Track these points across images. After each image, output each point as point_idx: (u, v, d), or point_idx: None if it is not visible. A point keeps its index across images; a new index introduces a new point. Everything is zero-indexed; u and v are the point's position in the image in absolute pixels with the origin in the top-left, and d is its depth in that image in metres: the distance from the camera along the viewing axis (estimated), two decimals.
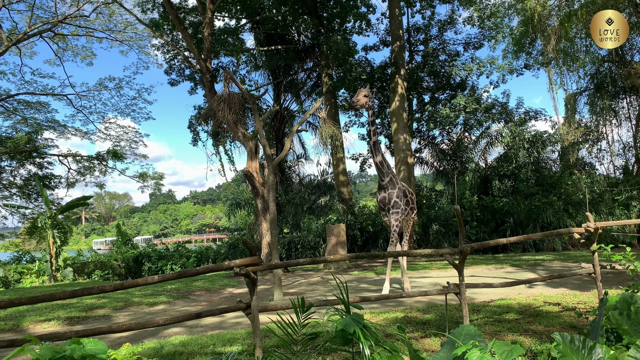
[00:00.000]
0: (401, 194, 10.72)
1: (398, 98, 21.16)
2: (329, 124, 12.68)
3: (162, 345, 6.91)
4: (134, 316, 10.15)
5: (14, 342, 4.24)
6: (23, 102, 26.57)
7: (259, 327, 5.83)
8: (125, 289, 5.80)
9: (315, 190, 23.48)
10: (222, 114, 12.91)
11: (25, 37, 22.30)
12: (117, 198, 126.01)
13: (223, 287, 14.05)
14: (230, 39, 22.45)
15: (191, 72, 24.03)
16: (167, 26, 21.60)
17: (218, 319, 9.15)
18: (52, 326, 9.34)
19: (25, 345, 2.80)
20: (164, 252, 22.44)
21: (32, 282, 20.93)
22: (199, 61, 15.98)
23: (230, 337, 7.31)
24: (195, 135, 24.56)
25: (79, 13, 23.25)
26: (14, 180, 29.21)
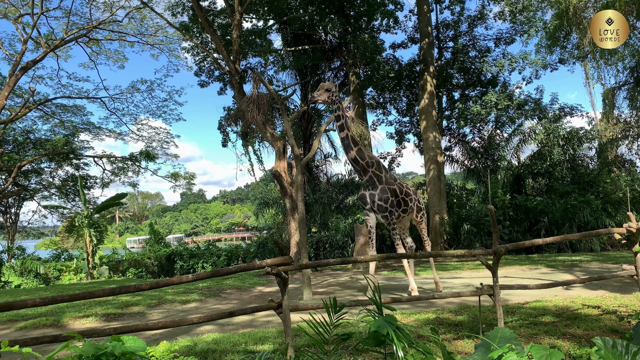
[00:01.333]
0: (385, 194, 9.81)
1: (427, 96, 20.92)
2: (357, 123, 12.66)
3: (195, 343, 7.03)
4: (167, 314, 10.35)
5: (57, 337, 4.39)
6: (60, 106, 27.45)
7: (290, 327, 5.86)
8: (161, 287, 5.94)
9: (343, 190, 23.44)
10: (251, 114, 13.04)
11: (62, 43, 23.02)
12: (150, 197, 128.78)
13: (253, 285, 14.18)
14: (258, 40, 22.62)
15: (220, 74, 24.33)
16: (196, 29, 21.92)
17: (249, 317, 9.22)
18: (90, 322, 9.62)
19: (70, 342, 2.90)
20: (195, 251, 22.84)
21: (71, 279, 21.61)
22: (228, 63, 16.16)
23: (261, 336, 7.36)
24: (224, 136, 24.87)
25: (112, 18, 23.87)
26: (52, 181, 30.26)
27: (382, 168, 10.11)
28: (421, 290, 11.18)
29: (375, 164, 10.03)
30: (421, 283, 12.61)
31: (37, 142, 28.83)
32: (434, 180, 20.81)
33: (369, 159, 9.95)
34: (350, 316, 5.85)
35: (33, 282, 21.05)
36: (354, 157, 9.82)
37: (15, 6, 22.26)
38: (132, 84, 27.51)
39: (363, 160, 9.90)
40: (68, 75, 39.47)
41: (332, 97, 9.75)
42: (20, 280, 20.83)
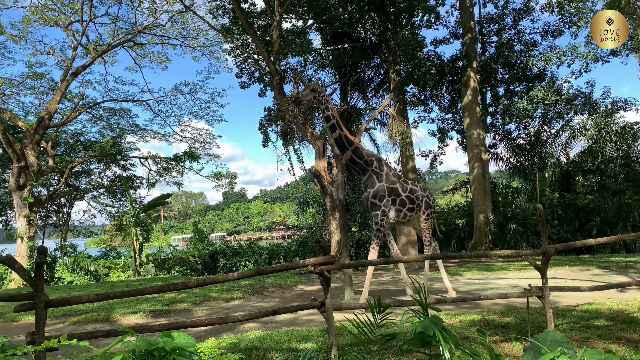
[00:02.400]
0: (382, 194, 9.40)
1: (470, 92, 20.46)
2: (399, 121, 12.49)
3: (239, 340, 7.12)
4: (211, 311, 10.55)
5: (110, 332, 4.56)
6: (108, 109, 28.48)
7: (333, 326, 5.85)
8: (207, 285, 6.05)
9: None
10: (292, 114, 13.06)
11: (109, 48, 23.89)
12: (193, 197, 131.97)
13: (294, 284, 14.28)
14: (298, 40, 22.72)
15: (261, 75, 24.60)
16: (236, 30, 22.23)
17: (291, 315, 9.30)
18: (138, 318, 9.93)
19: (124, 337, 2.99)
20: (237, 249, 23.22)
21: (119, 276, 22.40)
22: (269, 64, 16.29)
23: (304, 334, 7.40)
24: (265, 136, 25.14)
25: (156, 23, 24.57)
26: (101, 181, 31.49)
27: (383, 166, 9.77)
28: (465, 292, 10.95)
29: (376, 162, 9.71)
30: (464, 284, 12.36)
31: (86, 144, 30.07)
32: (478, 179, 20.32)
33: (367, 158, 9.65)
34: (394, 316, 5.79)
35: (84, 279, 21.96)
36: (351, 157, 9.64)
37: (66, 14, 23.26)
38: (176, 87, 28.24)
39: (361, 160, 9.62)
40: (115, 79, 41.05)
41: (318, 98, 9.62)
42: (72, 277, 21.78)
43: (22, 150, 20.05)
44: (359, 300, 9.75)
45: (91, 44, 23.60)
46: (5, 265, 3.98)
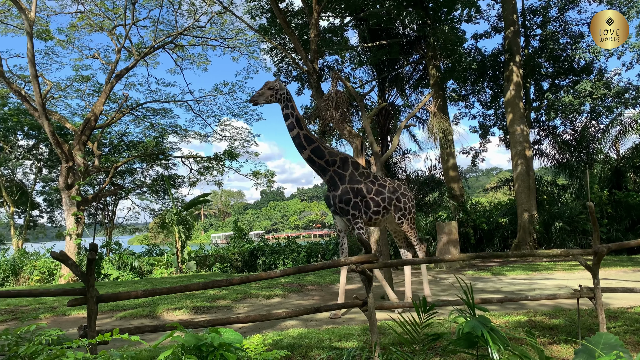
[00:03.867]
0: (347, 197, 8.99)
1: (513, 87, 19.87)
2: (440, 118, 12.28)
3: (281, 337, 7.15)
4: (252, 308, 10.66)
5: (157, 327, 4.65)
6: (150, 110, 29.28)
7: (376, 324, 5.79)
8: (251, 282, 6.11)
9: (423, 187, 22.91)
10: (330, 113, 13.05)
11: (151, 51, 24.53)
12: (232, 195, 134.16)
13: (333, 282, 14.24)
14: (335, 38, 22.69)
15: (298, 74, 24.71)
16: (274, 30, 22.41)
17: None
18: (182, 314, 10.13)
19: (173, 332, 3.04)
20: (276, 247, 23.40)
21: (162, 273, 22.99)
22: (306, 62, 16.33)
23: (345, 333, 7.36)
24: None
25: (196, 24, 25.04)
26: (144, 180, 32.44)
27: (348, 166, 9.27)
28: (509, 292, 10.65)
29: (339, 162, 9.23)
30: (508, 284, 12.05)
31: (130, 145, 31.04)
32: (522, 176, 19.72)
33: (329, 157, 9.19)
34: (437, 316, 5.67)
35: (129, 275, 22.65)
36: (308, 157, 9.19)
37: (110, 19, 24.04)
38: (215, 87, 28.75)
39: (321, 159, 9.18)
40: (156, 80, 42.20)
41: (276, 96, 9.24)
42: (117, 273, 22.50)
43: (70, 150, 20.86)
44: (404, 300, 9.55)
45: (134, 47, 24.31)
46: (59, 261, 4.12)
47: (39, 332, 3.47)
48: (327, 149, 9.32)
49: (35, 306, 11.61)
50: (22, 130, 30.39)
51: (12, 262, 21.61)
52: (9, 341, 3.46)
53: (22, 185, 31.75)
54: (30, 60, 18.95)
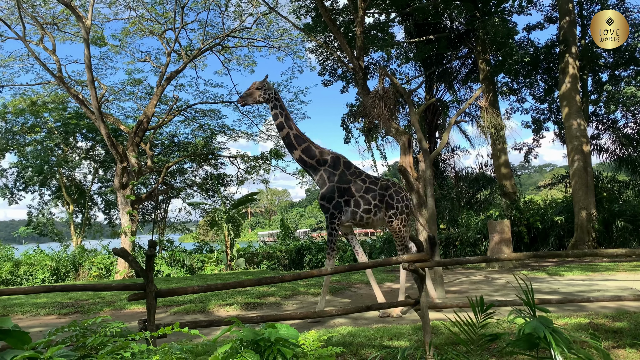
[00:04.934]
0: (330, 195, 8.83)
1: (569, 79, 19.02)
2: (491, 113, 11.91)
3: (331, 335, 7.14)
4: (300, 305, 10.71)
5: (212, 322, 4.75)
6: (199, 111, 30.02)
7: (429, 324, 5.71)
8: (302, 279, 6.14)
9: (473, 184, 22.32)
10: (377, 110, 12.94)
11: (199, 53, 25.14)
12: (277, 194, 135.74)
13: (381, 281, 14.12)
14: (380, 34, 22.48)
15: (343, 72, 24.66)
16: (319, 29, 22.44)
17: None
18: (233, 310, 10.31)
19: (231, 327, 3.08)
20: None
21: (212, 270, 23.55)
22: (352, 60, 16.27)
23: (396, 332, 7.26)
24: (347, 133, 25.19)
25: (242, 26, 25.44)
26: (194, 180, 33.34)
27: (339, 165, 9.18)
28: (568, 293, 10.20)
29: (330, 161, 9.15)
30: (566, 285, 11.55)
31: (180, 145, 31.95)
32: (579, 172, 18.82)
33: (320, 157, 9.13)
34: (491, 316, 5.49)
35: (180, 272, 23.34)
36: (299, 157, 9.14)
37: (160, 23, 24.82)
38: None
39: (312, 159, 9.12)
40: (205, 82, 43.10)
41: (264, 96, 9.16)
42: (170, 270, 23.24)
43: (124, 151, 21.70)
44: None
45: (183, 50, 24.98)
46: (120, 257, 4.27)
47: (104, 324, 3.61)
48: (318, 148, 9.30)
49: (95, 300, 12.13)
50: (81, 133, 31.92)
51: (72, 259, 22.72)
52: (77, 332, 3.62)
53: (80, 185, 33.36)
54: (87, 66, 19.85)
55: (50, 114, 30.06)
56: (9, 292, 4.73)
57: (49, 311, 10.84)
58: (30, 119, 30.59)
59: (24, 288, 4.44)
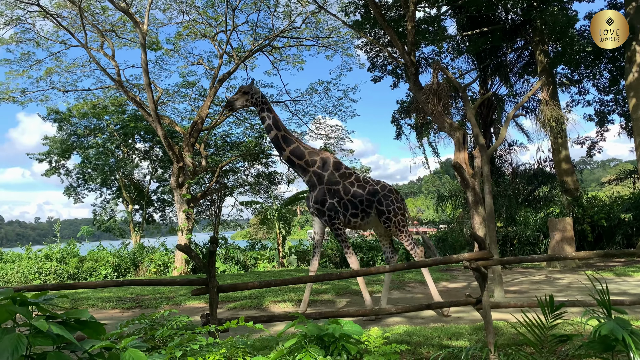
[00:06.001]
0: (323, 198, 8.75)
1: (636, 68, 17.90)
2: (551, 106, 11.40)
3: (388, 334, 7.04)
4: (353, 302, 10.65)
5: (272, 317, 4.79)
6: (250, 111, 30.51)
7: (491, 324, 5.54)
8: (360, 276, 6.09)
9: (532, 180, 21.43)
10: (431, 105, 12.67)
11: (250, 54, 25.55)
12: None
13: (436, 280, 13.81)
14: (431, 28, 22.02)
15: (393, 67, 24.36)
16: (368, 25, 22.26)
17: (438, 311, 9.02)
18: (287, 307, 10.38)
19: (295, 322, 3.08)
20: (373, 243, 23.29)
21: (265, 267, 23.92)
22: (403, 55, 16.00)
23: (455, 332, 7.09)
24: (398, 129, 24.88)
25: (291, 26, 25.63)
26: (246, 179, 34.00)
27: (329, 166, 9.07)
28: (638, 295, 9.57)
29: (320, 162, 9.05)
30: (635, 286, 10.86)
31: (232, 145, 32.65)
32: None
33: (309, 158, 9.03)
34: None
35: (234, 269, 23.85)
36: (288, 158, 9.08)
37: (212, 26, 25.42)
38: (311, 86, 29.24)
39: (301, 160, 9.03)
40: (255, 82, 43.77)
41: (252, 100, 9.14)
42: (224, 267, 23.80)
43: (180, 152, 22.40)
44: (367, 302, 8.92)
45: (234, 52, 25.47)
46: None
47: (170, 318, 3.71)
48: (307, 148, 9.25)
49: (155, 295, 12.57)
50: (139, 135, 33.33)
51: (132, 255, 23.71)
52: (145, 325, 3.74)
53: (139, 185, 34.82)
54: (144, 70, 20.64)
55: (111, 117, 31.56)
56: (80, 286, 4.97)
57: (113, 305, 11.34)
58: (93, 121, 32.26)
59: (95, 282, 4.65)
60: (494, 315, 7.59)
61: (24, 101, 25.15)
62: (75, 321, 2.65)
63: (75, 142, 32.98)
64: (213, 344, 3.05)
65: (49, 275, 21.32)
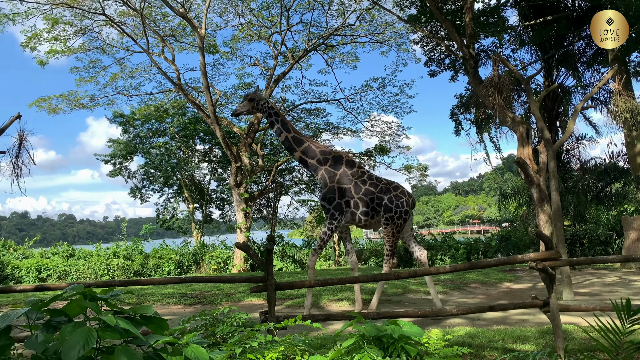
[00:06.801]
0: (331, 196, 8.81)
1: None
2: (625, 97, 10.66)
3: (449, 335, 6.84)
4: (412, 303, 10.44)
5: (329, 316, 4.77)
6: (305, 110, 30.78)
7: (560, 327, 5.28)
8: (419, 276, 5.95)
9: (603, 176, 20.15)
10: (492, 98, 12.20)
11: (304, 54, 25.72)
12: None
13: (499, 281, 13.38)
14: (491, 19, 21.20)
15: (451, 61, 23.69)
16: (424, 19, 21.77)
17: (501, 314, 8.72)
18: (344, 305, 10.34)
19: (353, 322, 3.02)
20: (432, 243, 22.80)
21: (321, 265, 24.02)
22: (461, 48, 15.55)
23: (520, 335, 6.81)
24: (457, 125, 24.18)
25: (345, 23, 25.55)
26: (301, 178, 34.30)
27: (340, 165, 9.16)
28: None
29: (331, 161, 9.16)
30: None
31: None
32: None
33: (321, 156, 9.16)
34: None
35: (291, 266, 24.13)
36: (300, 158, 9.30)
37: (267, 27, 25.82)
38: (365, 83, 29.02)
39: (313, 159, 9.17)
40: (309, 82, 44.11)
41: (257, 107, 9.31)
42: (281, 264, 24.14)
43: (237, 152, 22.94)
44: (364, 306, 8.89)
45: (289, 52, 25.74)
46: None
47: (230, 314, 3.77)
48: (319, 147, 9.37)
49: (215, 292, 12.89)
50: (198, 136, 34.45)
51: (193, 253, 24.55)
52: (206, 321, 3.82)
53: (199, 185, 36.02)
54: (202, 73, 21.30)
55: (172, 120, 32.83)
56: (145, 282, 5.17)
57: (176, 301, 11.74)
58: (155, 124, 33.68)
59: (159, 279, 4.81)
60: (563, 319, 7.18)
61: (92, 106, 26.65)
62: (140, 316, 2.74)
63: (137, 144, 34.58)
64: (272, 342, 3.05)
65: (116, 272, 22.48)
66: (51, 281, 21.19)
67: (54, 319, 2.66)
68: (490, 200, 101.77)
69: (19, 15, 20.86)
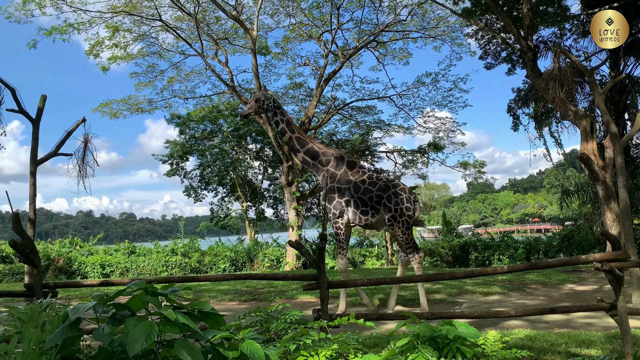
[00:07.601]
0: (331, 195, 8.97)
1: None
2: None
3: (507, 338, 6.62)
4: (469, 304, 10.18)
5: (382, 316, 4.73)
6: (355, 108, 30.66)
7: (629, 332, 4.99)
8: (476, 276, 5.80)
9: None
10: (553, 92, 11.66)
11: (355, 52, 25.60)
12: (436, 188, 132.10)
13: (561, 282, 12.80)
14: (551, 9, 20.25)
15: (508, 54, 22.86)
16: (479, 12, 21.13)
17: (563, 316, 8.38)
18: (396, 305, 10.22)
19: (407, 321, 2.99)
20: (489, 242, 22.14)
21: (373, 264, 23.88)
22: (519, 40, 14.99)
23: (584, 339, 6.50)
24: (515, 120, 23.31)
25: (397, 19, 25.21)
26: None
27: (342, 165, 9.30)
28: None
29: (333, 161, 9.32)
30: None
31: (339, 143, 33.00)
32: None
33: (323, 157, 9.34)
34: None
35: None
36: (303, 159, 9.47)
37: (317, 26, 25.91)
38: (418, 79, 28.51)
39: (315, 160, 9.37)
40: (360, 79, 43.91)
41: (263, 107, 9.48)
42: (333, 263, 24.17)
43: (289, 151, 23.20)
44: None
45: (339, 50, 25.71)
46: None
47: (284, 311, 3.83)
48: (321, 148, 9.47)
49: (268, 289, 13.11)
50: (251, 136, 35.14)
51: (247, 251, 25.07)
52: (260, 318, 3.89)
53: (252, 184, 36.75)
54: (255, 74, 21.69)
55: (225, 121, 33.67)
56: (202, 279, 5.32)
57: (231, 297, 12.04)
58: (209, 125, 34.67)
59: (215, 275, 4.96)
60: (632, 323, 6.79)
61: (151, 109, 27.78)
62: (198, 312, 2.83)
63: (193, 144, 35.72)
64: (325, 339, 3.07)
65: (174, 268, 23.34)
66: (114, 277, 22.34)
67: (119, 313, 2.80)
68: (551, 198, 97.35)
69: (83, 25, 22.03)
